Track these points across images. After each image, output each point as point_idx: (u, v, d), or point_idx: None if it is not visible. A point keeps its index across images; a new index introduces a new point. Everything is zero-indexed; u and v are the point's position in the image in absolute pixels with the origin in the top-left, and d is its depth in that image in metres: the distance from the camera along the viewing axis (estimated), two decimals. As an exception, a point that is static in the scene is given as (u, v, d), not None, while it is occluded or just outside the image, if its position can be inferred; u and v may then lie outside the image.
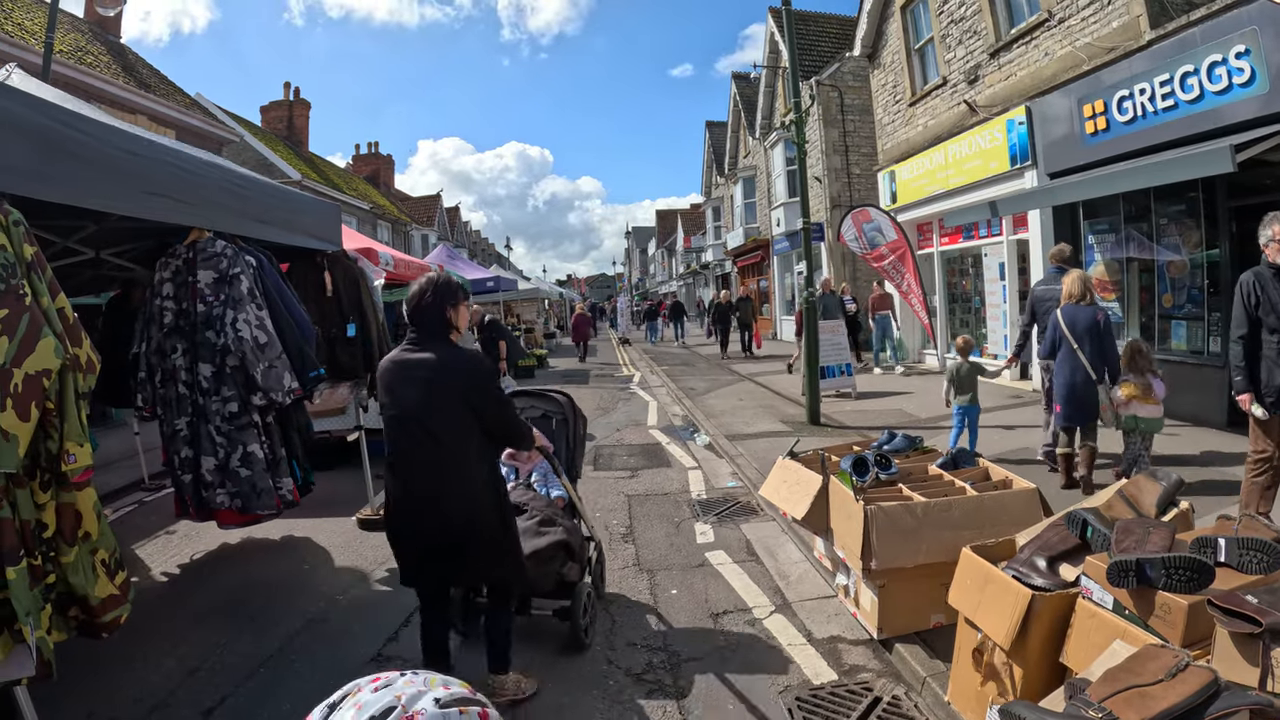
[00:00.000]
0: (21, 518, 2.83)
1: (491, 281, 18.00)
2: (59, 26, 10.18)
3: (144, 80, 17.80)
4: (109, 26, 19.17)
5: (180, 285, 4.73)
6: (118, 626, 3.35)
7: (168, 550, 6.32)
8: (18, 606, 2.71)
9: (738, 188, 31.12)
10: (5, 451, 2.67)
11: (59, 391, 2.96)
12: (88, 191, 3.42)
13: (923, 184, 14.63)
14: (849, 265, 20.06)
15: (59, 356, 2.88)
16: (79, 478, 3.04)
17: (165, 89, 18.77)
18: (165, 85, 19.16)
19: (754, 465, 7.91)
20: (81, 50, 15.98)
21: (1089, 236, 10.62)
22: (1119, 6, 9.37)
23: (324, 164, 33.43)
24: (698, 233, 48.19)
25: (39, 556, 2.92)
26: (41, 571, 2.93)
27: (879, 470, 4.37)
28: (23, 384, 2.73)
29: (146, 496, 8.02)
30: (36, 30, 13.71)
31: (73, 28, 17.18)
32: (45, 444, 2.95)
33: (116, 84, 15.47)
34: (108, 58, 17.12)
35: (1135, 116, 8.88)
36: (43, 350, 2.81)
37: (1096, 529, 2.90)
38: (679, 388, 15.11)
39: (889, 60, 16.24)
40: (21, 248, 2.87)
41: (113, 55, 17.76)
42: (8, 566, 2.72)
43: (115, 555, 3.35)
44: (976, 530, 3.72)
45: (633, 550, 5.79)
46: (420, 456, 3.37)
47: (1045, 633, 2.75)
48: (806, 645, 4.15)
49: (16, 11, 14.61)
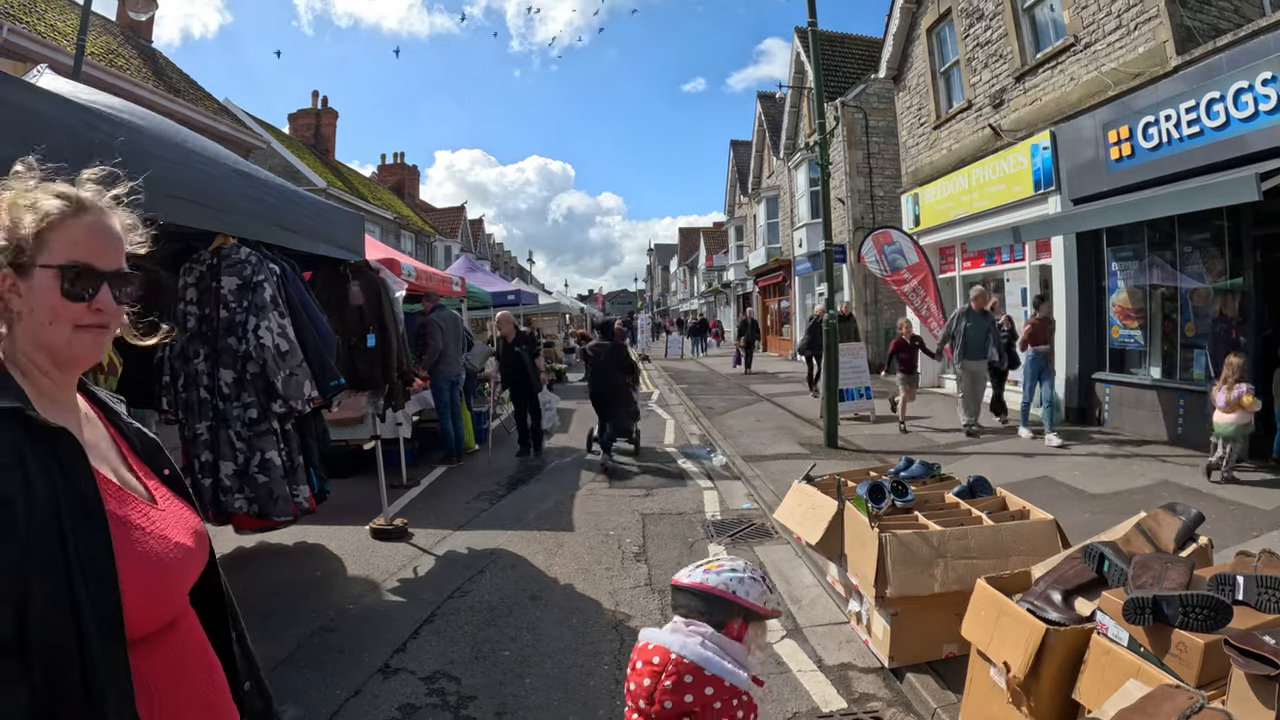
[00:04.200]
0: None
1: (513, 295, 18.04)
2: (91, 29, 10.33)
3: (174, 85, 18.06)
4: (140, 30, 19.46)
5: (204, 290, 4.76)
6: None
7: None
8: None
9: (761, 207, 31.14)
10: None
11: None
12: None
13: (946, 207, 14.58)
14: (870, 287, 20.00)
15: None
16: None
17: (194, 94, 19.03)
18: (194, 90, 19.43)
19: (770, 487, 7.86)
20: (113, 53, 16.23)
21: (1112, 263, 10.55)
22: (1145, 32, 9.34)
23: (349, 172, 33.75)
24: (720, 251, 48.25)
25: None
26: None
27: (895, 497, 4.33)
28: None
29: None
30: (69, 32, 13.89)
31: (104, 30, 17.45)
32: None
33: (146, 87, 15.70)
34: (138, 61, 17.39)
35: (1160, 143, 8.82)
36: None
37: (1114, 563, 2.86)
38: (697, 406, 15.08)
39: (914, 83, 16.25)
40: None
41: (143, 59, 18.04)
42: None
43: None
44: (992, 560, 3.68)
45: (645, 570, 5.77)
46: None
47: (1058, 668, 2.71)
48: (816, 671, 4.11)
49: (49, 13, 14.83)
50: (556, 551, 6.25)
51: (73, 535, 1.04)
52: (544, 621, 4.84)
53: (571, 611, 5.01)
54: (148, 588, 1.15)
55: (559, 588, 5.47)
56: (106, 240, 1.24)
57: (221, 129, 18.15)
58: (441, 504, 7.86)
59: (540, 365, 11.33)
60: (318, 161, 27.95)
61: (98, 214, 1.24)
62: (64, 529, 1.04)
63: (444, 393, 9.70)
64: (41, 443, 1.08)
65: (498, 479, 9.03)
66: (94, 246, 1.21)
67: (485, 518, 7.34)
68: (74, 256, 1.18)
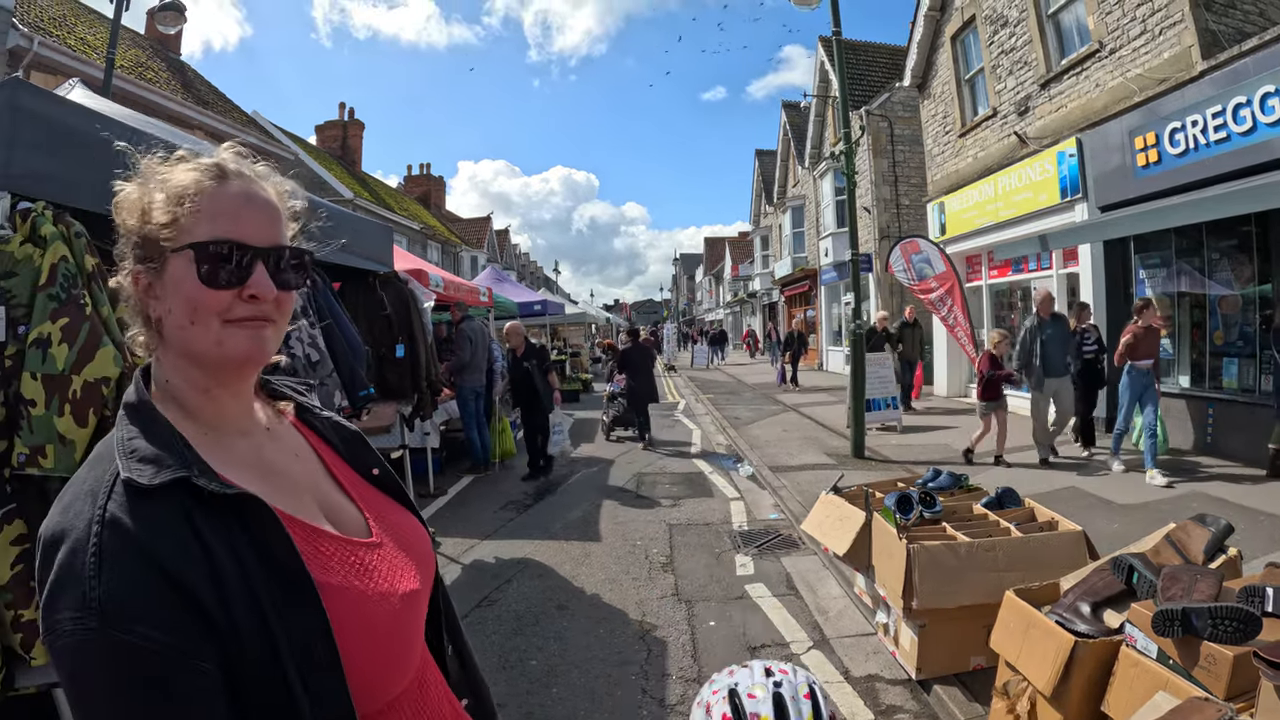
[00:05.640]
0: None
1: (539, 305, 18.11)
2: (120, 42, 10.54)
3: (202, 97, 18.35)
4: (169, 44, 19.82)
5: None
6: None
7: None
8: None
9: (786, 217, 31.11)
10: (62, 456, 2.76)
11: (117, 399, 3.03)
12: None
13: (972, 216, 14.51)
14: (896, 296, 19.92)
15: (118, 365, 2.95)
16: None
17: (223, 106, 19.34)
18: (223, 102, 19.74)
19: (797, 498, 7.86)
20: (142, 66, 16.51)
21: (1140, 271, 10.44)
22: (1170, 37, 9.27)
23: (376, 183, 34.06)
24: (745, 261, 48.23)
25: None
26: None
27: (923, 508, 4.32)
28: (81, 391, 2.82)
29: None
30: (98, 45, 14.14)
31: (133, 44, 17.76)
32: None
33: (175, 99, 15.96)
34: (167, 74, 17.69)
35: (1187, 149, 8.74)
36: (102, 359, 2.89)
37: (1143, 575, 2.85)
38: (723, 416, 15.08)
39: (939, 91, 16.20)
40: (83, 259, 2.97)
41: (172, 71, 18.36)
42: None
43: None
44: (1020, 572, 3.67)
45: (672, 580, 5.79)
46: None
47: (1087, 681, 2.70)
48: (843, 683, 4.11)
49: (79, 27, 15.10)
50: (584, 561, 6.28)
51: (277, 623, 0.84)
52: (571, 631, 4.87)
53: (599, 621, 5.04)
54: (378, 665, 0.96)
55: (586, 597, 5.50)
56: (257, 209, 0.98)
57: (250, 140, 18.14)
58: (469, 513, 7.93)
59: (554, 382, 10.50)
60: (345, 173, 28.23)
61: (246, 181, 0.99)
62: (267, 618, 0.84)
63: (469, 403, 9.76)
64: (218, 511, 0.87)
65: (525, 488, 9.09)
66: (240, 218, 0.96)
67: (512, 527, 7.39)
68: (215, 232, 0.93)
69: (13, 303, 2.79)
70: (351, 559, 0.99)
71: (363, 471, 1.18)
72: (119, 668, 0.76)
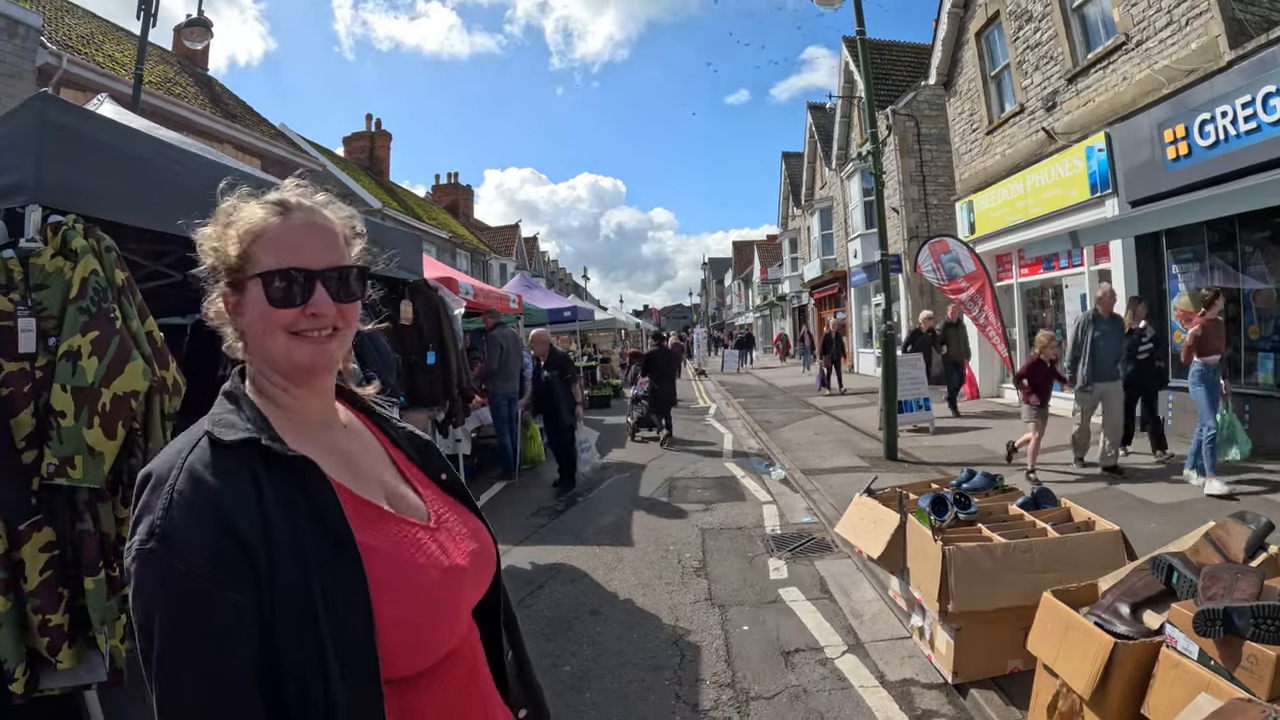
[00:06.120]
0: (102, 530, 2.97)
1: (569, 311, 18.15)
2: (148, 58, 10.72)
3: (230, 111, 18.61)
4: (196, 59, 20.15)
5: None
6: None
7: None
8: (94, 615, 2.85)
9: (814, 219, 30.99)
10: (91, 468, 2.80)
11: (145, 412, 3.08)
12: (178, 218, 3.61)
13: (1001, 214, 14.38)
14: (926, 297, 19.77)
15: (147, 379, 2.99)
16: None
17: (251, 119, 19.60)
18: (251, 116, 20.01)
19: (829, 501, 7.82)
20: (170, 81, 16.76)
21: (1172, 266, 10.31)
22: (1197, 27, 9.16)
23: (404, 193, 34.33)
24: (774, 264, 48.08)
25: (117, 569, 3.04)
26: (119, 583, 3.04)
27: (958, 510, 4.29)
28: (110, 403, 2.86)
29: None
30: (126, 62, 14.34)
31: (161, 60, 18.04)
32: (129, 461, 3.06)
33: (204, 114, 16.20)
34: (195, 89, 17.96)
35: (1217, 140, 8.61)
36: (131, 372, 2.93)
37: (1182, 574, 2.81)
38: (755, 420, 15.05)
39: (965, 88, 16.08)
40: (113, 272, 3.02)
41: (200, 86, 18.65)
42: (86, 577, 2.86)
43: None
44: (1058, 573, 3.63)
45: (705, 584, 5.78)
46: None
47: (1127, 683, 2.67)
48: (879, 687, 4.08)
49: (107, 44, 15.37)
50: (616, 566, 6.30)
51: (319, 577, 0.98)
52: (604, 636, 4.89)
53: (632, 626, 5.05)
54: (411, 629, 1.05)
55: (619, 602, 5.51)
56: (315, 237, 1.15)
57: (279, 153, 18.65)
58: (501, 519, 7.96)
59: (577, 393, 9.93)
60: (373, 183, 28.49)
61: (306, 212, 1.17)
62: (309, 571, 0.98)
63: (502, 409, 9.80)
64: (281, 473, 1.03)
65: (557, 494, 9.11)
66: (301, 245, 1.13)
67: (545, 533, 7.42)
68: (280, 260, 1.10)
69: (43, 315, 2.84)
70: (401, 532, 1.12)
71: (433, 476, 1.32)
72: (166, 583, 0.93)
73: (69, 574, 2.90)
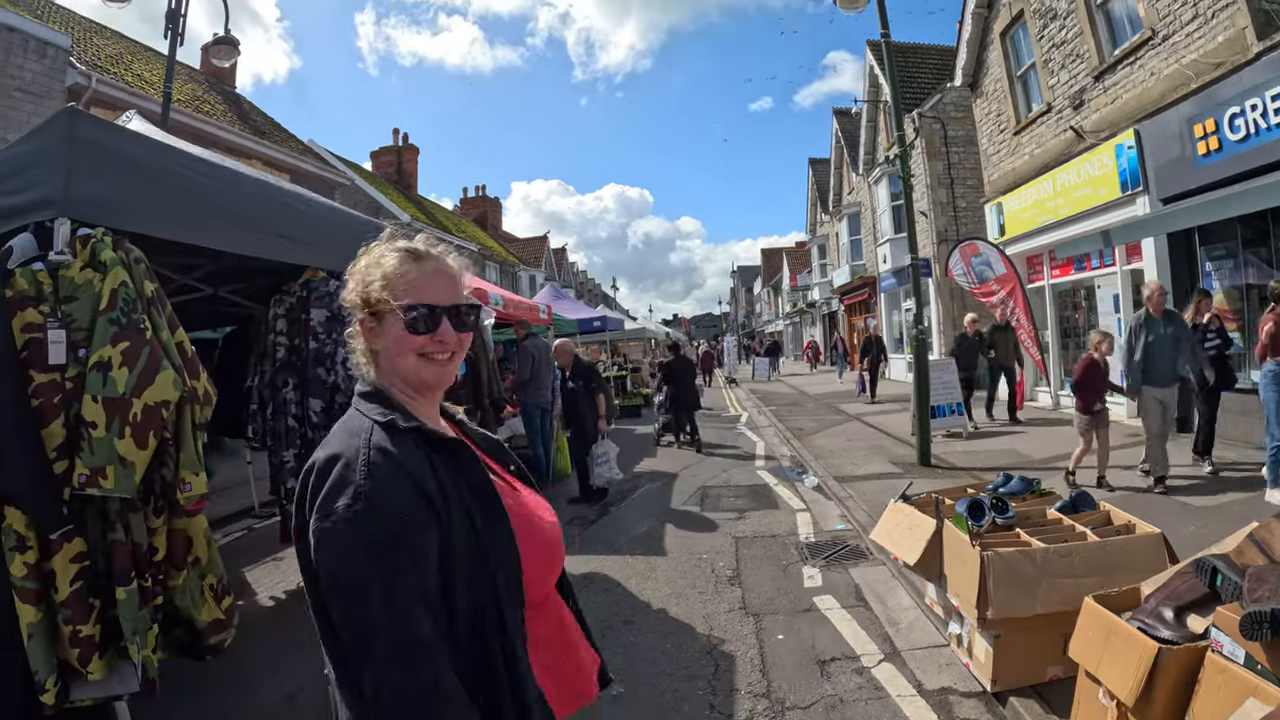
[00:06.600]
0: (134, 540, 2.99)
1: (598, 321, 18.18)
2: (176, 77, 10.89)
3: (258, 127, 18.89)
4: (224, 77, 20.52)
5: (293, 322, 4.81)
6: (222, 650, 3.49)
7: (274, 575, 6.62)
8: (125, 625, 2.87)
9: (843, 224, 30.90)
10: (122, 478, 2.83)
11: (176, 422, 3.10)
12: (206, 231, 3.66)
13: (1031, 215, 14.23)
14: (957, 301, 19.58)
15: (177, 389, 3.02)
16: (193, 506, 3.18)
17: (279, 135, 19.87)
18: (279, 132, 20.28)
19: (863, 508, 7.76)
20: (199, 99, 17.05)
21: (1206, 263, 10.14)
22: (1223, 19, 9.02)
23: (433, 206, 34.65)
24: (803, 270, 47.92)
25: (149, 579, 3.07)
26: (150, 593, 3.07)
27: (995, 515, 4.23)
28: (141, 414, 2.88)
29: (256, 523, 8.44)
30: (155, 81, 14.62)
31: (189, 78, 18.39)
32: (160, 471, 3.09)
33: (233, 130, 16.46)
34: (223, 106, 18.25)
35: (1248, 134, 8.48)
36: (161, 382, 2.95)
37: (1227, 577, 2.75)
38: (786, 428, 14.98)
39: (991, 88, 15.95)
40: (142, 284, 3.05)
41: (228, 104, 18.96)
42: (118, 587, 2.88)
43: (223, 581, 3.49)
44: (1098, 578, 3.57)
45: (739, 593, 5.75)
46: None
47: (1171, 689, 2.61)
48: (916, 697, 4.03)
49: (136, 64, 15.66)
50: (649, 575, 6.28)
51: (484, 525, 1.35)
52: (638, 646, 4.87)
53: (665, 636, 5.03)
54: (542, 562, 1.48)
55: (652, 612, 5.49)
56: (443, 281, 1.47)
57: (307, 168, 18.88)
58: (534, 532, 7.94)
59: (601, 406, 9.64)
60: (401, 196, 28.76)
61: (434, 260, 1.49)
62: (474, 520, 1.35)
63: (535, 419, 9.82)
64: (442, 452, 1.39)
65: (589, 504, 9.10)
66: (431, 288, 1.44)
67: (578, 542, 7.41)
68: (415, 298, 1.42)
69: (73, 327, 2.88)
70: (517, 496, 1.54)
71: (504, 466, 1.65)
72: (375, 530, 1.22)
73: (100, 584, 2.93)
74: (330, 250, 4.72)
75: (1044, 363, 13.58)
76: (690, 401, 13.71)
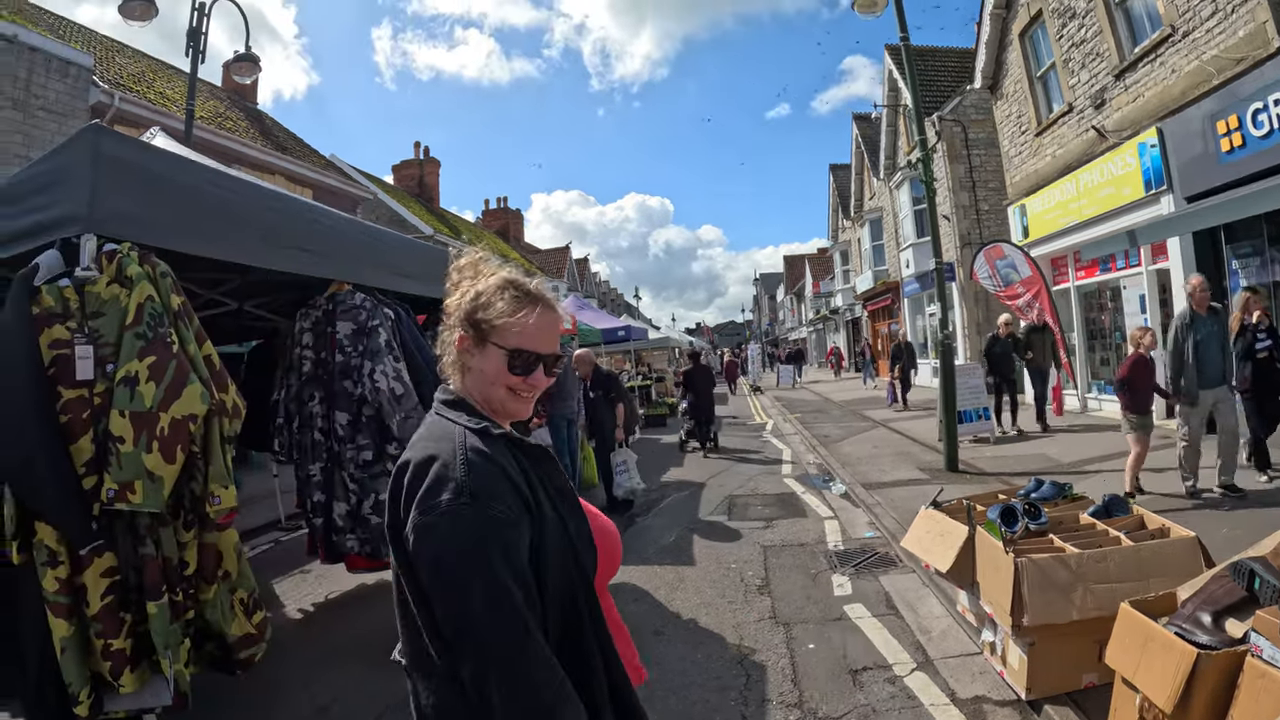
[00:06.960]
0: (164, 555, 3.01)
1: (622, 331, 18.19)
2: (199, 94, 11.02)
3: (281, 143, 19.06)
4: (245, 93, 20.75)
5: (319, 335, 4.83)
6: (253, 664, 3.50)
7: (303, 588, 6.68)
8: (157, 640, 2.89)
9: (864, 230, 30.78)
10: (151, 492, 2.84)
11: (204, 435, 3.11)
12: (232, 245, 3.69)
13: (1055, 216, 14.14)
14: (981, 304, 19.44)
15: (205, 402, 3.02)
16: (223, 519, 3.20)
17: (301, 150, 20.05)
18: (301, 147, 20.47)
19: (892, 515, 7.71)
20: (221, 116, 17.22)
21: (1232, 261, 10.03)
22: (1243, 14, 8.94)
23: (455, 219, 34.83)
24: (826, 277, 47.76)
25: (180, 593, 3.08)
26: (182, 608, 3.09)
27: (1028, 520, 4.20)
28: (169, 428, 2.89)
29: (283, 536, 8.46)
30: (177, 98, 14.68)
31: (211, 95, 18.58)
32: (189, 485, 3.11)
33: (255, 146, 16.60)
34: (245, 122, 18.43)
35: (1272, 129, 8.40)
36: (189, 396, 2.96)
37: (1265, 579, 2.72)
38: (812, 435, 14.92)
39: (1011, 90, 15.87)
40: (169, 298, 3.07)
41: (250, 120, 19.15)
42: (149, 601, 2.91)
43: (254, 595, 3.50)
44: (1133, 583, 3.53)
45: (769, 603, 5.73)
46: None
47: (1210, 695, 2.58)
48: (950, 705, 4.00)
49: (158, 81, 15.80)
50: (678, 585, 6.27)
51: (570, 519, 1.53)
52: (668, 656, 4.86)
53: (695, 646, 5.01)
54: (609, 553, 1.73)
55: (682, 622, 5.48)
56: (549, 331, 1.56)
57: (330, 183, 19.03)
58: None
59: (620, 415, 9.70)
60: (423, 209, 28.90)
61: (545, 306, 1.57)
62: (563, 518, 1.50)
63: (561, 430, 9.83)
64: (530, 457, 1.52)
65: (616, 514, 9.09)
66: (539, 336, 1.53)
67: (606, 555, 7.39)
68: (522, 343, 1.52)
69: (100, 341, 2.90)
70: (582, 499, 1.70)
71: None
72: (480, 525, 1.31)
73: (131, 599, 2.95)
74: (355, 264, 4.75)
75: (1071, 365, 13.44)
76: (709, 407, 14.15)
